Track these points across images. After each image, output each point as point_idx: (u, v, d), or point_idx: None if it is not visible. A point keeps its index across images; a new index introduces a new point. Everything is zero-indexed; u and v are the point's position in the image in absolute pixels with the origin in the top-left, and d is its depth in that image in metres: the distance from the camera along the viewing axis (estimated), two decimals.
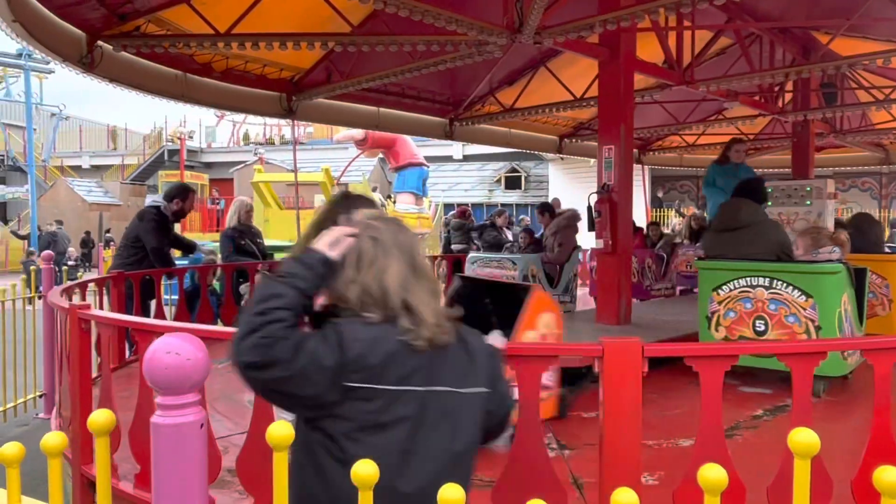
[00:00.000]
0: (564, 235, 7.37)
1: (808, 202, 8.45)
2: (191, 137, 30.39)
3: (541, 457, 2.17)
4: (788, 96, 9.20)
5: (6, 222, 28.00)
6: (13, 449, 1.35)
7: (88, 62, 5.01)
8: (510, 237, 10.58)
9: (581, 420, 3.74)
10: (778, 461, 2.18)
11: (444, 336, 1.47)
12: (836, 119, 10.26)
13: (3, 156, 30.75)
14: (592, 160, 16.63)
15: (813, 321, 4.15)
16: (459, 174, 31.05)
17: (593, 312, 6.49)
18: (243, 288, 6.73)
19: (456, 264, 9.20)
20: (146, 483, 2.68)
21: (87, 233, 24.76)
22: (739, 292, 4.35)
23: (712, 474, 1.10)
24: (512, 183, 29.84)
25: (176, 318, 5.96)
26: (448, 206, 27.90)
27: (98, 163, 34.91)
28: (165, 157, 31.29)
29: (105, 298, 5.57)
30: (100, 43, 5.09)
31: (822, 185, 9.49)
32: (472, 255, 7.89)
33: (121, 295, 5.24)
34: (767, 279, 4.26)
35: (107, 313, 2.86)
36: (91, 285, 5.10)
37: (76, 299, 4.25)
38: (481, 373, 1.54)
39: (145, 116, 61.39)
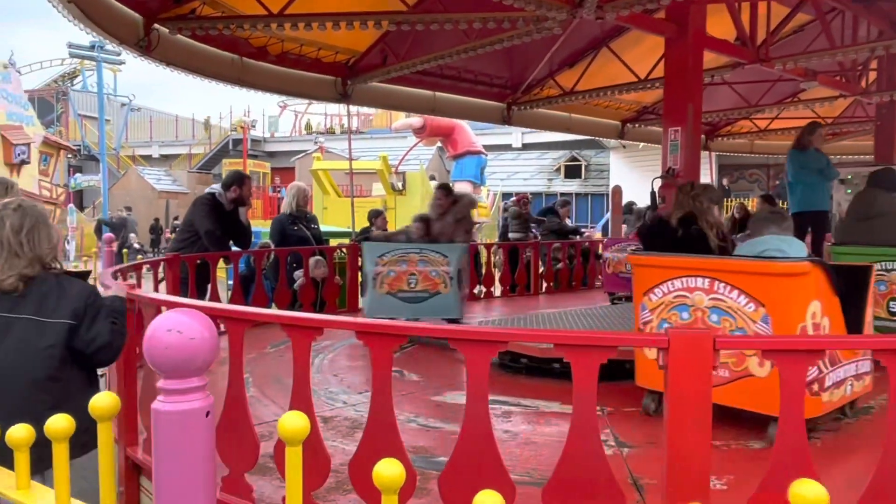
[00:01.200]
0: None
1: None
2: (253, 126, 30.98)
3: (596, 454, 1.98)
4: (872, 76, 8.58)
5: (82, 209, 29.23)
6: (22, 432, 1.26)
7: (145, 45, 5.03)
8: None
9: (642, 416, 3.51)
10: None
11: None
12: None
13: (79, 146, 32.09)
14: (657, 147, 16.13)
15: None
16: (518, 163, 30.66)
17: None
18: (297, 274, 6.71)
19: (512, 252, 8.98)
20: None
21: (156, 219, 25.62)
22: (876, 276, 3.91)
23: (808, 491, 0.90)
24: (572, 172, 29.28)
25: (231, 302, 5.99)
26: (506, 195, 27.63)
27: (167, 152, 36.09)
28: (230, 147, 32.03)
29: (162, 282, 5.63)
30: (156, 26, 5.10)
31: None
32: (608, 238, 8.48)
33: (175, 278, 5.27)
34: None
35: (149, 293, 2.81)
36: (145, 267, 5.14)
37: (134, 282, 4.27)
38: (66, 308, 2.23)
39: (211, 106, 63.06)
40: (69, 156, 29.07)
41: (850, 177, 7.79)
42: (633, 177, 21.25)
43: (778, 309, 2.94)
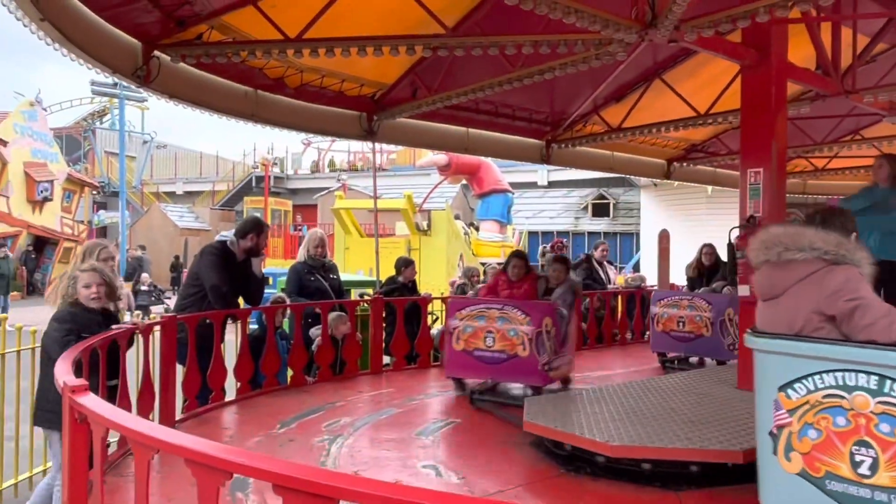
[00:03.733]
0: None
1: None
2: (276, 164, 30.73)
3: None
4: None
5: None
6: None
7: (143, 75, 4.38)
8: (611, 275, 9.43)
9: None
10: None
11: None
12: None
13: (104, 183, 32.07)
14: (691, 186, 15.29)
15: None
16: (544, 201, 29.98)
17: (730, 371, 5.32)
18: (314, 331, 5.95)
19: None
20: None
21: (176, 257, 25.23)
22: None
23: None
24: (600, 210, 28.50)
25: (237, 367, 5.22)
26: (532, 234, 26.89)
27: (191, 189, 36.02)
28: (253, 184, 31.80)
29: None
30: (157, 53, 4.44)
31: None
32: (656, 291, 7.50)
33: (171, 344, 4.52)
34: None
35: (101, 407, 2.03)
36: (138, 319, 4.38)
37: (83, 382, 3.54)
38: None
39: (235, 143, 63.58)
40: (94, 192, 29.03)
41: None
42: (665, 216, 20.35)
43: None
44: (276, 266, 16.57)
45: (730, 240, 4.90)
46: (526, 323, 4.92)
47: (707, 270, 7.38)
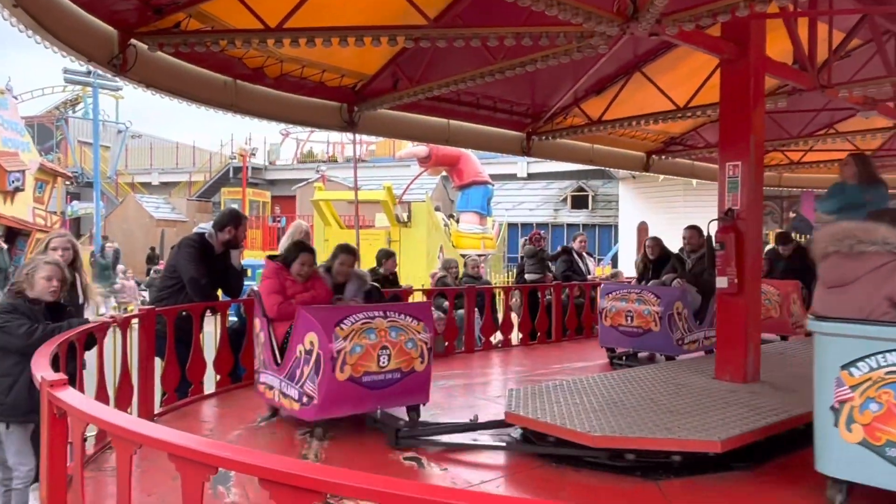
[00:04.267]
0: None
1: None
2: (253, 154, 30.41)
3: None
4: None
5: (79, 237, 28.53)
6: None
7: (120, 63, 4.30)
8: (590, 266, 9.49)
9: None
10: None
11: None
12: None
13: (78, 173, 31.49)
14: (670, 179, 15.42)
15: None
16: (524, 193, 30.05)
17: (707, 361, 5.39)
18: None
19: (531, 294, 8.18)
20: None
21: (153, 248, 24.87)
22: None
23: None
24: (579, 202, 28.65)
25: (217, 360, 5.18)
26: (511, 226, 26.95)
27: (167, 179, 35.51)
28: (230, 174, 31.45)
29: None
30: (133, 41, 4.36)
31: None
32: (605, 285, 7.04)
33: (150, 336, 4.47)
34: None
35: (81, 402, 2.00)
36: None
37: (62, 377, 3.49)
38: None
39: (213, 133, 62.74)
40: (67, 183, 28.47)
41: None
42: (643, 208, 20.52)
43: None
44: (254, 258, 16.46)
45: (708, 232, 4.95)
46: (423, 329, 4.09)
47: (653, 264, 7.12)
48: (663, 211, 18.50)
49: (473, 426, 4.05)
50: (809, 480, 3.32)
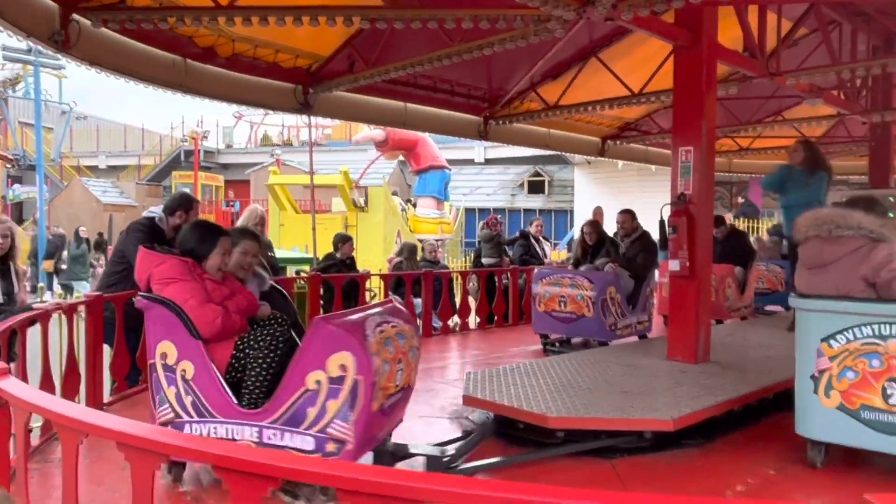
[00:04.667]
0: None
1: (892, 214, 7.35)
2: (205, 137, 29.69)
3: None
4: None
5: (21, 223, 27.47)
6: None
7: (62, 40, 4.11)
8: (547, 250, 9.58)
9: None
10: None
11: None
12: None
13: (19, 156, 30.26)
14: (626, 164, 15.65)
15: None
16: (481, 178, 30.11)
17: (662, 343, 5.50)
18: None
19: (489, 279, 8.23)
20: None
21: (100, 234, 24.12)
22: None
23: None
24: (535, 187, 28.87)
25: None
26: (469, 211, 27.01)
27: (115, 163, 34.43)
28: (182, 158, 30.66)
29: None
30: (76, 17, 4.19)
31: None
32: (538, 270, 6.89)
33: (98, 324, 4.33)
34: None
35: (24, 391, 1.92)
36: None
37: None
38: None
39: (163, 115, 60.99)
40: (7, 166, 27.34)
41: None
42: (598, 193, 20.81)
43: None
44: None
45: (661, 216, 5.04)
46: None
47: (592, 248, 6.96)
48: (617, 196, 18.79)
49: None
50: (757, 455, 3.46)
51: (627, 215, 6.81)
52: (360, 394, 2.67)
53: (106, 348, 4.58)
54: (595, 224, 7.24)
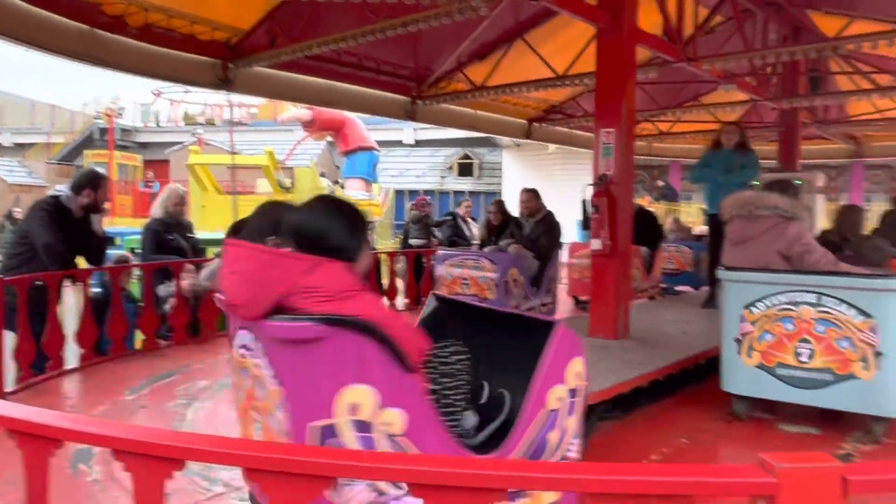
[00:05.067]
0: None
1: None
2: (120, 115, 28.30)
3: None
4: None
5: None
6: None
7: None
8: (475, 231, 9.64)
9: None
10: None
11: None
12: (819, 109, 9.72)
13: None
14: (552, 147, 15.91)
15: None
16: (410, 160, 29.99)
17: (581, 321, 5.63)
18: (162, 289, 5.58)
19: (416, 260, 8.21)
20: None
21: (8, 215, 22.72)
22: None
23: None
24: (465, 170, 28.99)
25: (79, 332, 4.82)
26: (399, 193, 26.87)
27: (21, 140, 32.40)
28: (96, 136, 29.13)
29: None
30: None
31: (812, 177, 8.91)
32: (440, 251, 6.83)
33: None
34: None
35: None
36: None
37: None
38: None
39: (77, 91, 57.63)
40: None
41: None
42: (525, 175, 21.10)
43: None
44: (124, 225, 15.41)
45: (583, 197, 5.14)
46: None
47: (497, 229, 6.90)
48: (543, 177, 19.12)
49: None
50: (670, 425, 3.62)
51: (531, 194, 6.69)
52: (576, 404, 2.28)
53: (10, 335, 4.32)
54: (500, 204, 7.16)
